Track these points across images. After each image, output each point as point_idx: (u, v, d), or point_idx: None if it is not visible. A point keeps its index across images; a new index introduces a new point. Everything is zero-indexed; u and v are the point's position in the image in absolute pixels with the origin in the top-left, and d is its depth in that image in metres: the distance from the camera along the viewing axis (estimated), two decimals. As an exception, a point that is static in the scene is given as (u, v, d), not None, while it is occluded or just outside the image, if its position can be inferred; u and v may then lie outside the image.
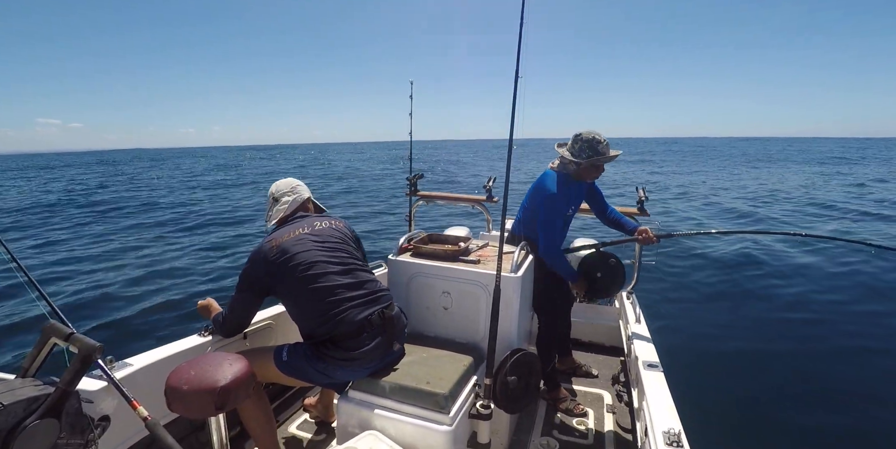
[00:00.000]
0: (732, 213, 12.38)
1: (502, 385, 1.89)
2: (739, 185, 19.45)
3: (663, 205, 13.75)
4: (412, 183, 3.53)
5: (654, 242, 2.64)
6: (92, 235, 10.27)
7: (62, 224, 11.92)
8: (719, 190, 17.69)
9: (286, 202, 2.07)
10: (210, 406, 1.49)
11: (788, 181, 20.71)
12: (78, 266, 7.54)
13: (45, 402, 1.21)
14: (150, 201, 16.64)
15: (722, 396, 3.83)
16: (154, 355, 1.89)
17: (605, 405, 2.76)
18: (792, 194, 15.94)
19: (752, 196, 15.66)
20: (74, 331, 1.33)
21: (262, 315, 2.34)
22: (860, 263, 6.94)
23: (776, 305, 5.79)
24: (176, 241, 9.53)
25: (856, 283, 6.29)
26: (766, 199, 14.81)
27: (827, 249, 7.60)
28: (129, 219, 12.60)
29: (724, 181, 21.33)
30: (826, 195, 15.57)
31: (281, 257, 1.83)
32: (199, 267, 7.43)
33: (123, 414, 1.60)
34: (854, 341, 4.78)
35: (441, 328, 2.31)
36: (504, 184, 2.16)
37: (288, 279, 1.83)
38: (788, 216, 11.62)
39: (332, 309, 1.80)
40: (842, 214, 11.73)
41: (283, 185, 2.12)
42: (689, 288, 6.42)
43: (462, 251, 2.34)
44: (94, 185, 24.20)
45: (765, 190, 17.39)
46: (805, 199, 14.59)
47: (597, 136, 2.42)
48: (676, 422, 1.64)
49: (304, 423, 2.51)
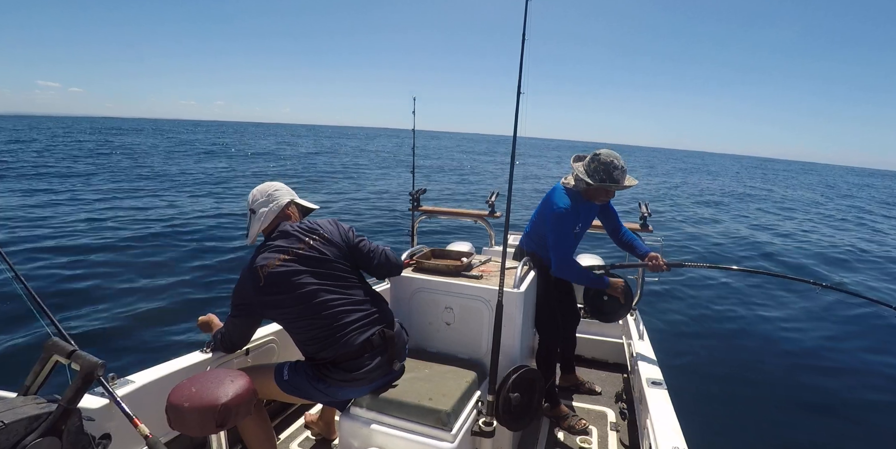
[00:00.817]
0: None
1: (505, 402, 1.87)
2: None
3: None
4: (415, 198, 3.55)
5: (663, 270, 2.55)
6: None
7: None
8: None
9: (263, 214, 1.91)
10: (211, 424, 1.48)
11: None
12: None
13: (47, 420, 1.21)
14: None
15: (727, 415, 3.79)
16: (155, 373, 1.89)
17: (609, 423, 2.73)
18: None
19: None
20: (77, 348, 1.33)
21: (265, 331, 2.33)
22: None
23: (783, 326, 5.75)
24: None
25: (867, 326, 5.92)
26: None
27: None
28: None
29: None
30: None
31: (271, 289, 1.77)
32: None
33: (125, 432, 1.59)
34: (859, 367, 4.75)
35: (443, 344, 2.30)
36: (507, 199, 2.16)
37: (281, 310, 1.80)
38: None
39: (331, 335, 1.78)
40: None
41: (259, 193, 1.95)
42: (694, 305, 6.39)
43: (465, 266, 2.34)
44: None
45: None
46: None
47: (615, 161, 2.32)
48: (681, 440, 1.62)
49: (306, 440, 2.48)
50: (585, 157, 2.46)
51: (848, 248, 11.40)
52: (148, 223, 9.93)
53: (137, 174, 18.52)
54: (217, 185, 16.62)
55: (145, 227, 9.66)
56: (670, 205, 18.00)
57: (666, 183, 26.82)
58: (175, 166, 22.23)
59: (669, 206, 17.61)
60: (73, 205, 11.56)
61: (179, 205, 12.32)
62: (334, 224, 1.99)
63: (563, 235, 2.41)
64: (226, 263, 7.58)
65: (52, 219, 9.84)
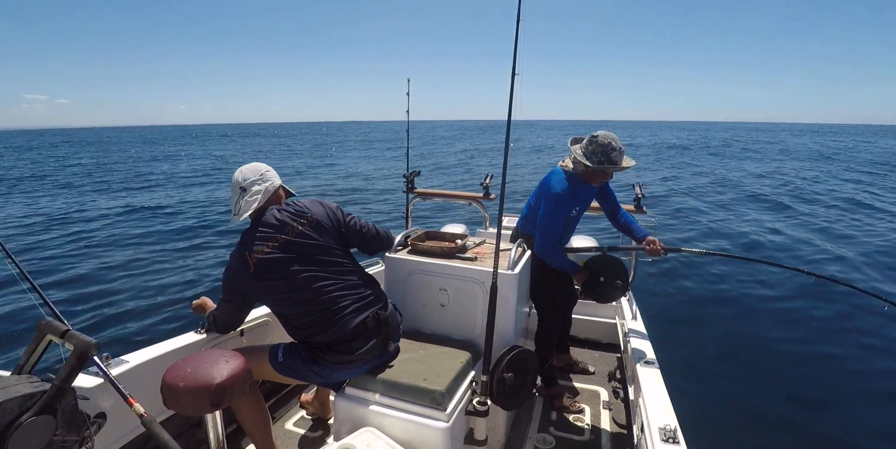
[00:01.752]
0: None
1: (499, 382, 1.89)
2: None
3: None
4: (409, 180, 3.53)
5: (660, 255, 2.55)
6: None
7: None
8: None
9: (258, 192, 1.83)
10: (206, 403, 1.48)
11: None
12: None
13: (41, 399, 1.21)
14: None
15: (718, 393, 3.86)
16: (150, 352, 1.89)
17: (602, 402, 2.77)
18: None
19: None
20: (70, 328, 1.33)
21: (260, 312, 2.34)
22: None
23: (776, 303, 5.81)
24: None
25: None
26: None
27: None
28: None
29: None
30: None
31: (262, 276, 1.75)
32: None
33: (120, 411, 1.60)
34: (853, 343, 4.82)
35: (438, 325, 2.32)
36: (501, 181, 2.16)
37: (273, 295, 1.80)
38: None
39: (326, 320, 1.78)
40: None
41: (250, 172, 1.86)
42: (688, 284, 6.45)
43: (459, 248, 2.34)
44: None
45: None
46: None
47: (612, 143, 2.31)
48: (672, 418, 1.65)
49: (301, 419, 2.51)
50: (583, 140, 2.44)
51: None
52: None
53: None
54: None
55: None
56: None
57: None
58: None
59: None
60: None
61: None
62: (320, 204, 1.94)
63: (554, 219, 2.42)
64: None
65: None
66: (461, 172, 21.19)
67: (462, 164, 25.48)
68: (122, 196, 14.75)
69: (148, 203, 12.93)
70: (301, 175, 20.49)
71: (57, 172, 22.82)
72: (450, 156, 30.69)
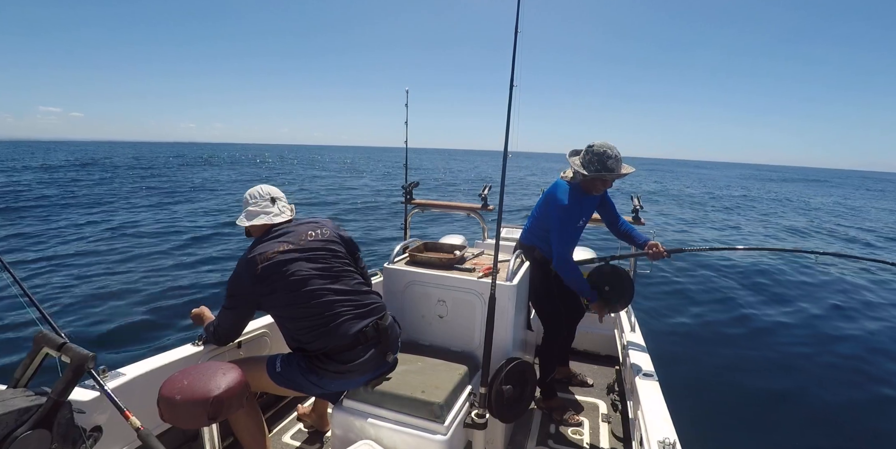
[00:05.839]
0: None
1: (497, 394, 1.88)
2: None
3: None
4: (407, 191, 3.54)
5: (664, 257, 2.56)
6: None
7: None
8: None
9: (286, 208, 1.99)
10: (203, 416, 1.47)
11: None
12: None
13: (37, 412, 1.21)
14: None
15: (717, 406, 3.84)
16: (147, 365, 1.88)
17: (601, 415, 2.75)
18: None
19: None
20: (67, 340, 1.32)
21: (258, 324, 2.33)
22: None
23: (776, 317, 5.81)
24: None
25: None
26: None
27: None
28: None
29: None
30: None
31: (270, 277, 1.78)
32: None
33: (116, 424, 1.59)
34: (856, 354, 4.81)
35: (436, 337, 2.31)
36: (500, 192, 2.17)
37: (278, 298, 1.80)
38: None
39: (326, 325, 1.78)
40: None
41: (278, 192, 2.02)
42: (687, 297, 6.44)
43: (457, 259, 2.34)
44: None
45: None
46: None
47: (608, 150, 2.32)
48: (672, 431, 1.64)
49: (298, 432, 2.49)
50: (581, 151, 2.47)
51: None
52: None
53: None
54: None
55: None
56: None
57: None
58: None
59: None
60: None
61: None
62: (331, 221, 2.06)
63: (569, 231, 2.41)
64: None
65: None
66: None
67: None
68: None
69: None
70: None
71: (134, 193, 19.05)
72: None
